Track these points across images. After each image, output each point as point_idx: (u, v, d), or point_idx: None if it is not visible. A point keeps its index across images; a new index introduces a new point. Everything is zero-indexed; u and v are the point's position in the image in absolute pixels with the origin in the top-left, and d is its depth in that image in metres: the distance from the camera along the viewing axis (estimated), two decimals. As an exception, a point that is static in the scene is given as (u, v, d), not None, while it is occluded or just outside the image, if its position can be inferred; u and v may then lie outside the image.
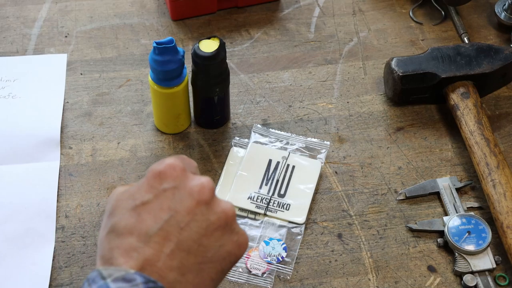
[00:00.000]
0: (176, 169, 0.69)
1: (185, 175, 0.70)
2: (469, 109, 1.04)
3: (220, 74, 1.01)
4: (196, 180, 0.69)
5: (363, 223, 0.98)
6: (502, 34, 1.19)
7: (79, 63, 1.14)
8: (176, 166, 0.70)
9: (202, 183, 0.69)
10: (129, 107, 1.09)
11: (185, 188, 0.69)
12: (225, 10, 1.21)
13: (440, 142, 1.06)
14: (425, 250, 0.96)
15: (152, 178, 0.69)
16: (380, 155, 1.04)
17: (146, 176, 0.70)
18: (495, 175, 0.97)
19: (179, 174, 0.69)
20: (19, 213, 0.97)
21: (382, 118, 1.08)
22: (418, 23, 1.20)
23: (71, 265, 0.94)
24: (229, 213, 0.70)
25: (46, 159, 1.02)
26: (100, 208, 0.99)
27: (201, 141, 1.06)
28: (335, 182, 1.02)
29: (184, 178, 0.69)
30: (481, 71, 1.06)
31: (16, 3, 1.22)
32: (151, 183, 0.69)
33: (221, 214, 0.69)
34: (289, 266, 0.94)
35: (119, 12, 1.21)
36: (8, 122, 1.06)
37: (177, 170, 0.69)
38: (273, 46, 1.17)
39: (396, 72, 1.06)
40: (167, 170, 0.69)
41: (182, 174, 0.70)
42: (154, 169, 0.70)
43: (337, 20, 1.21)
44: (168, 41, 0.96)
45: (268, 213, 0.98)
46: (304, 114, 1.09)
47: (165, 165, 0.70)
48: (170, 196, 0.68)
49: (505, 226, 0.93)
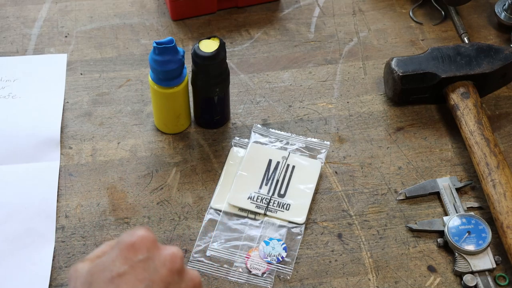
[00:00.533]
0: (148, 239, 0.72)
1: (156, 245, 0.73)
2: (469, 109, 1.04)
3: (220, 74, 1.01)
4: (167, 250, 0.73)
5: (363, 223, 0.98)
6: (502, 34, 1.19)
7: (79, 63, 1.14)
8: (147, 237, 0.72)
9: (173, 253, 0.73)
10: (129, 107, 1.09)
11: (158, 258, 0.72)
12: (225, 10, 1.21)
13: (440, 142, 1.06)
14: (425, 250, 0.96)
15: (126, 250, 0.72)
16: (380, 155, 1.04)
17: (119, 248, 0.72)
18: (495, 175, 0.97)
19: (151, 245, 0.72)
20: (19, 213, 0.97)
21: (382, 118, 1.08)
22: (418, 23, 1.20)
23: (71, 265, 0.93)
24: (196, 281, 0.74)
25: (46, 159, 1.02)
26: (100, 208, 0.99)
27: (201, 141, 1.06)
28: (335, 182, 1.02)
29: (156, 248, 0.72)
30: (481, 71, 1.06)
31: (16, 3, 1.22)
32: (125, 254, 0.71)
33: (190, 282, 0.73)
34: (289, 266, 0.94)
35: (119, 12, 1.21)
36: (8, 122, 1.06)
37: (149, 241, 0.72)
38: (273, 46, 1.17)
39: (396, 72, 1.06)
40: (140, 241, 0.72)
41: (154, 245, 0.73)
42: (126, 241, 0.72)
43: (337, 20, 1.21)
44: (168, 41, 0.96)
45: (268, 213, 0.98)
46: (304, 114, 1.09)
47: (137, 237, 0.72)
48: (145, 267, 0.71)
49: (505, 226, 0.93)
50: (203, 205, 0.99)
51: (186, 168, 1.02)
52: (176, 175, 1.02)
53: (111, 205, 0.99)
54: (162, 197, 1.00)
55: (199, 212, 0.99)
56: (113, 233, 0.96)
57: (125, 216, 0.98)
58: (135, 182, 1.01)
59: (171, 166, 1.03)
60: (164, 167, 1.03)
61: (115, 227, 0.97)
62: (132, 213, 0.98)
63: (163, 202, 0.99)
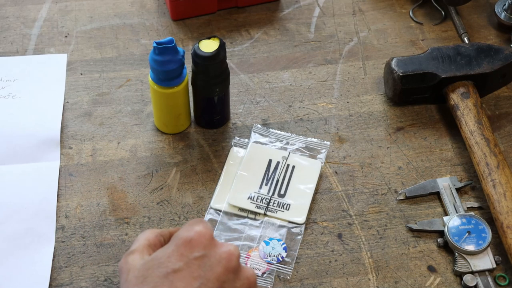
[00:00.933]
0: (205, 236, 0.73)
1: (213, 242, 0.73)
2: (469, 109, 1.04)
3: (220, 74, 1.01)
4: (224, 247, 0.73)
5: (363, 223, 0.98)
6: (502, 34, 1.19)
7: (79, 63, 1.14)
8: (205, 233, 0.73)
9: (230, 250, 0.73)
10: (129, 107, 1.09)
11: (214, 256, 0.72)
12: (225, 10, 1.21)
13: (440, 142, 1.06)
14: (425, 250, 0.96)
15: (182, 246, 0.72)
16: (380, 155, 1.04)
17: (176, 243, 0.72)
18: (495, 175, 0.97)
19: (208, 241, 0.73)
20: (19, 213, 0.97)
21: (382, 118, 1.08)
22: (418, 23, 1.20)
23: (71, 265, 0.94)
24: (252, 280, 0.74)
25: (46, 159, 1.02)
26: (100, 208, 0.99)
27: (201, 141, 1.06)
28: (335, 182, 1.02)
29: (212, 245, 0.73)
30: (481, 71, 1.06)
31: (16, 3, 1.22)
32: (181, 250, 0.72)
33: (245, 281, 0.74)
34: (289, 266, 0.94)
35: (119, 12, 1.21)
36: (8, 122, 1.06)
37: (206, 237, 0.73)
38: (273, 46, 1.17)
39: (396, 72, 1.06)
40: (197, 237, 0.72)
41: (210, 242, 0.73)
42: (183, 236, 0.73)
43: (337, 20, 1.21)
44: (168, 41, 0.96)
45: (268, 213, 0.98)
46: (304, 114, 1.09)
47: (195, 232, 0.72)
48: (201, 264, 0.71)
49: (505, 226, 0.93)
50: (203, 205, 0.99)
51: (186, 168, 1.02)
52: (176, 175, 1.02)
53: (111, 205, 0.99)
54: (162, 197, 1.00)
55: (199, 212, 0.99)
56: (113, 233, 0.96)
57: (125, 216, 0.98)
58: (135, 182, 1.01)
59: (171, 166, 1.03)
60: (164, 167, 1.03)
61: (115, 227, 0.97)
62: (132, 213, 0.98)
63: (163, 202, 0.99)
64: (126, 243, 0.95)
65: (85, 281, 0.92)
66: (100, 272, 0.93)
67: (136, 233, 0.96)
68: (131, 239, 0.96)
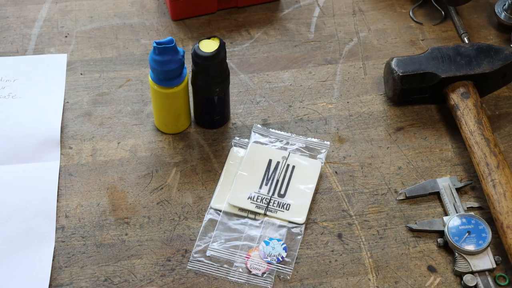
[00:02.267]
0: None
1: None
2: (469, 109, 1.04)
3: (220, 74, 1.01)
4: None
5: (363, 223, 0.98)
6: (502, 34, 1.19)
7: (79, 63, 1.14)
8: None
9: None
10: (129, 107, 1.09)
11: None
12: (225, 10, 1.21)
13: (440, 142, 1.06)
14: (425, 250, 0.96)
15: None
16: (380, 155, 1.04)
17: None
18: (495, 175, 0.97)
19: None
20: (19, 213, 0.97)
21: (382, 118, 1.08)
22: (418, 23, 1.20)
23: (71, 265, 0.94)
24: None
25: (46, 159, 1.02)
26: (100, 208, 0.99)
27: (201, 141, 1.06)
28: (335, 182, 1.02)
29: None
30: (481, 71, 1.06)
31: (16, 3, 1.22)
32: None
33: None
34: (289, 266, 0.94)
35: (119, 12, 1.21)
36: (8, 122, 1.06)
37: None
38: (273, 46, 1.17)
39: (396, 72, 1.06)
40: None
41: None
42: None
43: (337, 20, 1.21)
44: (168, 41, 0.96)
45: (268, 213, 0.98)
46: (304, 114, 1.09)
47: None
48: None
49: (505, 226, 0.93)
50: (203, 205, 0.99)
51: (186, 168, 1.02)
52: (176, 175, 1.02)
53: (111, 205, 0.99)
54: (162, 197, 1.00)
55: (199, 212, 0.99)
56: (113, 233, 0.96)
57: (125, 216, 0.98)
58: (135, 182, 1.01)
59: (171, 166, 1.03)
60: (164, 167, 1.03)
61: (115, 227, 0.97)
62: (132, 213, 0.98)
63: (163, 202, 0.99)
64: (126, 243, 0.95)
65: (85, 281, 0.92)
66: (100, 272, 0.93)
67: (136, 233, 0.96)
68: (131, 239, 0.96)
